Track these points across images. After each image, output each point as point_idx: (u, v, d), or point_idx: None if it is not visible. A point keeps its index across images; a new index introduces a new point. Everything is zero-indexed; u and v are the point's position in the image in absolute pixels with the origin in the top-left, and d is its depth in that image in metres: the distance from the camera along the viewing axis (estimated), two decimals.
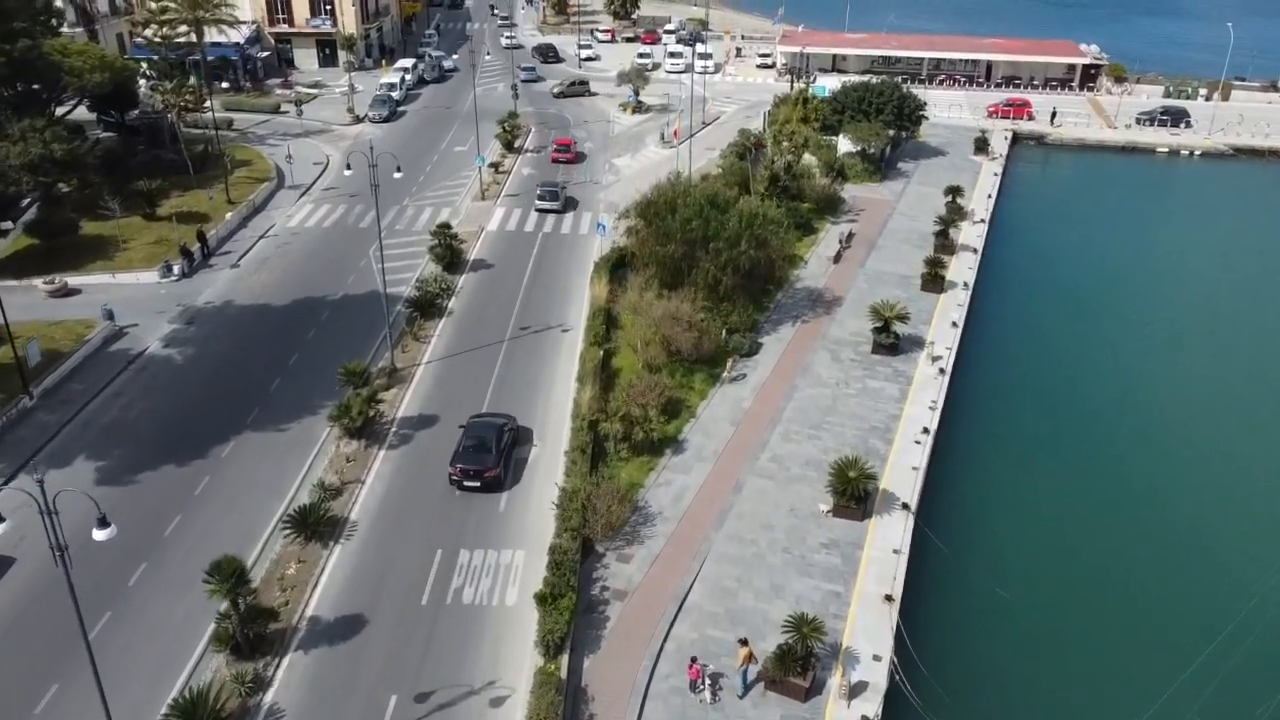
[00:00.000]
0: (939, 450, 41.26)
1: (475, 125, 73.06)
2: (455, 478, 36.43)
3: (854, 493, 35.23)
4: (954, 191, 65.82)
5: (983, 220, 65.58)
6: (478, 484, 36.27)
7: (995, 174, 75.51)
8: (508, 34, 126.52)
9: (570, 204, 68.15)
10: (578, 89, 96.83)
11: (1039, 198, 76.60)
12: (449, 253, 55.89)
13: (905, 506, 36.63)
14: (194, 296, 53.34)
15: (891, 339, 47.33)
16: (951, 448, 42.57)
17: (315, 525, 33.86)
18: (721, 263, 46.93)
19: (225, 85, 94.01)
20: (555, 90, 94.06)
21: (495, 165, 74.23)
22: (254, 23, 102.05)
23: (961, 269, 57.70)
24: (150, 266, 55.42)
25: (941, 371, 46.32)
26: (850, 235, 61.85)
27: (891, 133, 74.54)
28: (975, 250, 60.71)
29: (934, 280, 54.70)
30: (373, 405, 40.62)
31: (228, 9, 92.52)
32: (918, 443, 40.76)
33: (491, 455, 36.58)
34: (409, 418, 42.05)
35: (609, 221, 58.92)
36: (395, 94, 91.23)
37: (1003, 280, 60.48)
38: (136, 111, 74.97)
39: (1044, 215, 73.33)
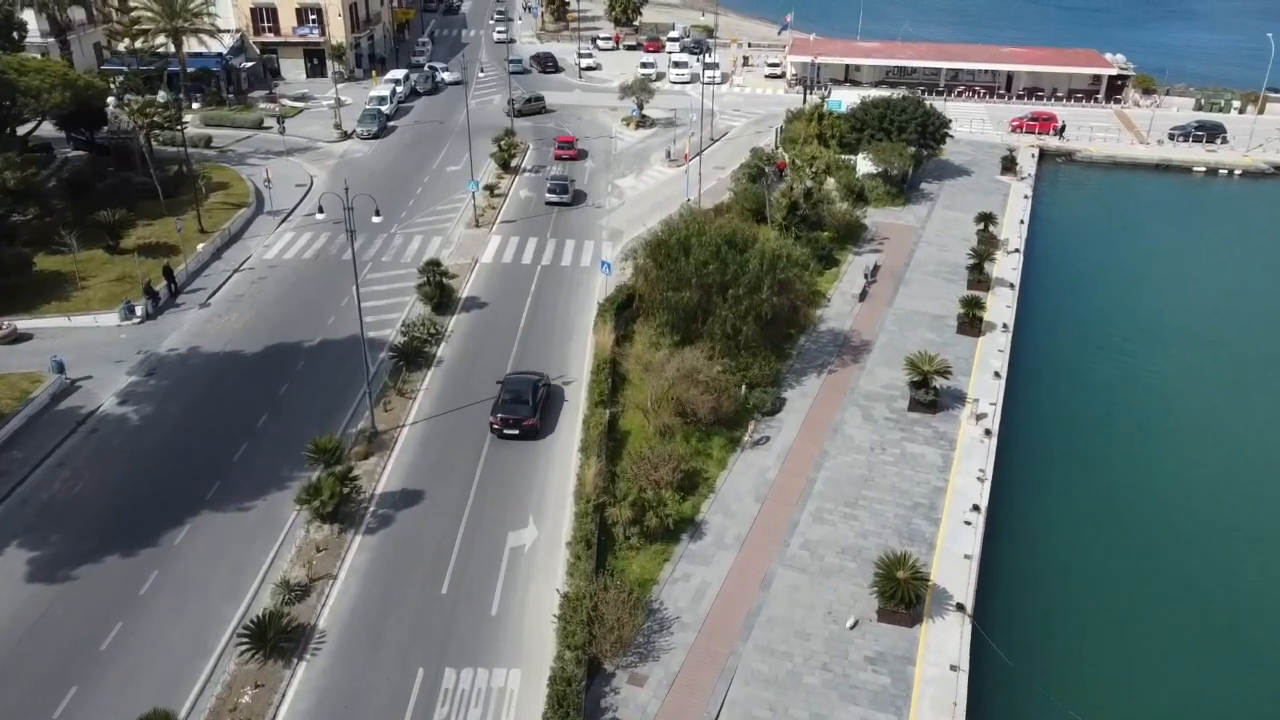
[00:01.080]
0: (992, 530, 36.38)
1: (469, 145, 67.99)
2: (496, 427, 39.96)
3: (904, 596, 30.31)
4: (986, 219, 60.88)
5: (1017, 250, 60.65)
6: (517, 432, 39.85)
7: (1025, 196, 70.60)
8: (500, 29, 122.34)
9: (579, 197, 69.30)
10: (534, 105, 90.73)
11: (1074, 222, 71.52)
12: (439, 292, 50.93)
13: (960, 608, 31.75)
14: (157, 342, 48.38)
15: (931, 396, 42.42)
16: (1006, 526, 37.70)
17: (276, 640, 28.89)
18: (741, 310, 42.01)
19: (195, 101, 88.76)
20: (508, 109, 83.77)
21: (490, 188, 69.29)
22: (238, 32, 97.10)
23: (999, 307, 52.74)
24: (110, 307, 50.46)
25: (988, 433, 41.42)
26: (875, 269, 56.93)
27: (914, 151, 69.54)
28: (1012, 286, 55.77)
29: (971, 322, 49.78)
30: (348, 482, 35.66)
31: (208, 18, 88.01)
32: (968, 523, 35.88)
33: (529, 406, 40.14)
34: (390, 494, 37.11)
35: (613, 258, 54.01)
36: (385, 108, 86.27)
37: (1044, 319, 55.50)
38: (106, 129, 69.94)
39: (1081, 242, 68.24)
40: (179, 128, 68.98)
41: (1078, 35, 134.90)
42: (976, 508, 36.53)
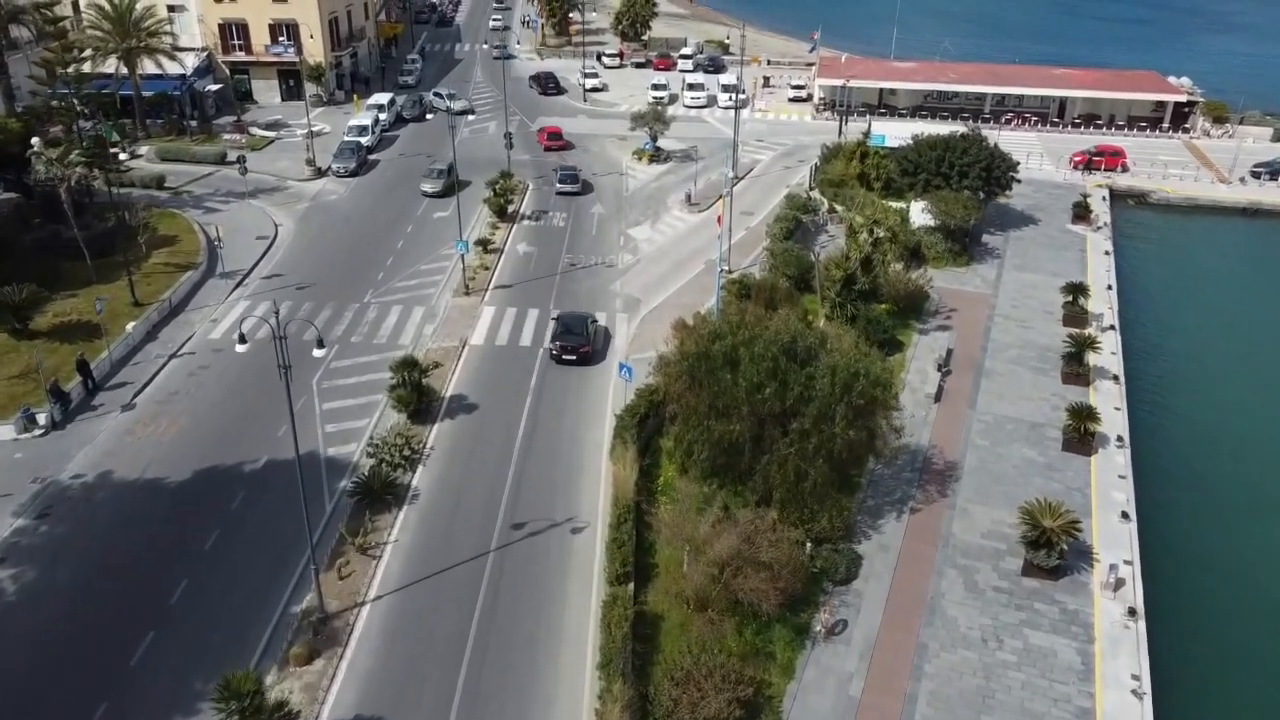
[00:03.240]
0: None
1: (456, 198, 57.84)
2: (555, 353, 45.71)
3: None
4: (1076, 291, 50.90)
5: (1113, 328, 50.68)
6: (574, 357, 45.42)
7: (1106, 252, 60.62)
8: (496, 47, 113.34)
9: (587, 187, 70.63)
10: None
11: (1167, 285, 60.86)
12: (415, 396, 40.87)
13: None
14: (61, 462, 38.39)
15: (1055, 560, 32.45)
16: None
17: None
18: (808, 449, 32.01)
19: (148, 132, 78.68)
20: (505, 141, 70.57)
21: (484, 243, 59.24)
22: (204, 51, 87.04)
23: (1106, 408, 42.75)
24: (5, 416, 40.43)
25: (1132, 613, 31.48)
26: (949, 355, 46.99)
27: (980, 202, 59.64)
28: (1116, 378, 45.80)
29: (1081, 438, 39.81)
30: (279, 712, 25.69)
31: (166, 36, 78.13)
32: None
33: (583, 336, 46.04)
34: None
35: (630, 333, 44.16)
36: (366, 139, 76.18)
37: (1161, 421, 45.33)
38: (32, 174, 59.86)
39: (1181, 311, 57.66)
40: (118, 168, 59.08)
41: (1123, 51, 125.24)
42: None
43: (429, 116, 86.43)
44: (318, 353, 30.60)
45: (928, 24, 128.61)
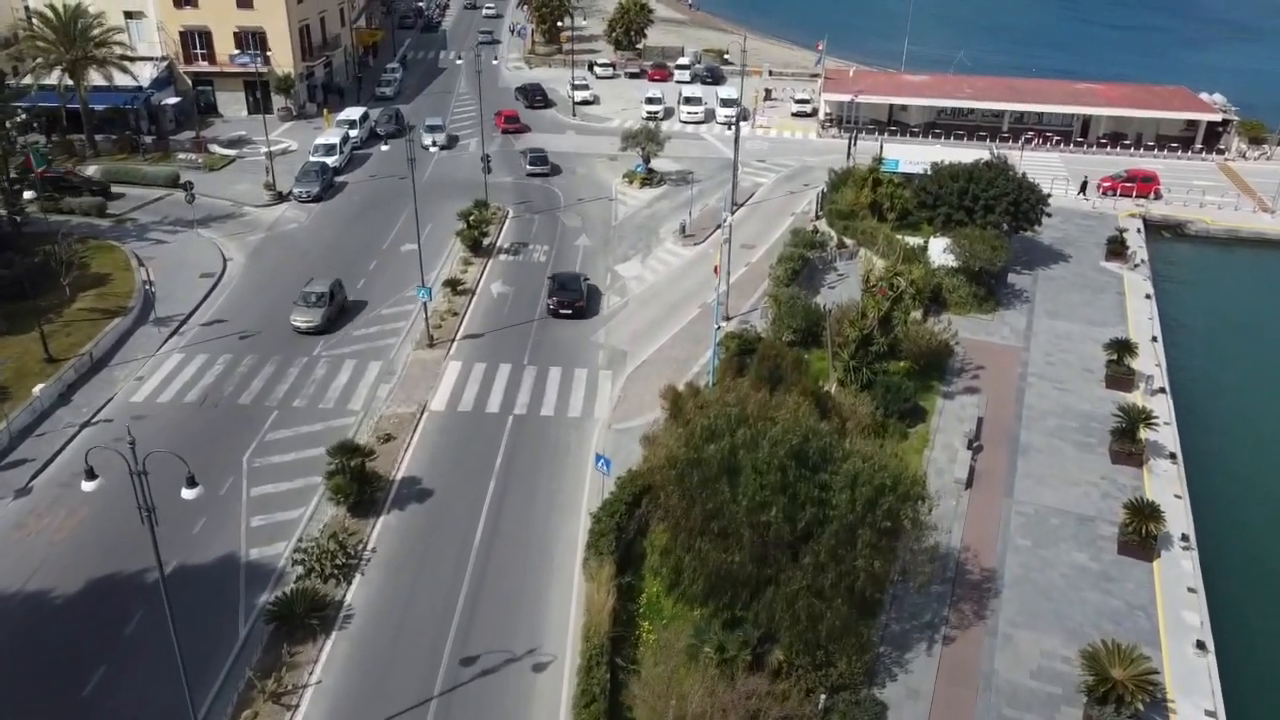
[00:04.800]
0: None
1: (417, 237, 51.57)
2: (552, 308, 49.85)
3: None
4: (1121, 349, 44.73)
5: (1163, 390, 44.56)
6: (570, 312, 49.65)
7: (1147, 295, 54.47)
8: (484, 29, 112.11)
9: (556, 171, 71.73)
10: (540, 168, 72.48)
11: (1215, 334, 53.84)
12: (355, 487, 34.66)
13: None
14: None
15: (1130, 715, 26.29)
16: None
17: None
18: (827, 583, 25.88)
19: (81, 151, 72.37)
20: (483, 165, 64.38)
21: (453, 283, 53.07)
22: (164, 60, 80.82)
23: (1165, 498, 36.62)
24: None
25: None
26: (979, 427, 40.86)
27: (1008, 243, 53.53)
28: (1173, 457, 39.65)
29: (1142, 540, 33.69)
30: None
31: (117, 46, 71.95)
32: None
33: (577, 292, 50.33)
34: None
35: (614, 394, 38.06)
36: (332, 160, 69.94)
37: (1230, 514, 38.85)
38: None
39: (1234, 367, 50.84)
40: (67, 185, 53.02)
41: (1144, 60, 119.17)
42: None
43: (407, 131, 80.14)
44: (188, 494, 23.87)
45: (941, 33, 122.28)
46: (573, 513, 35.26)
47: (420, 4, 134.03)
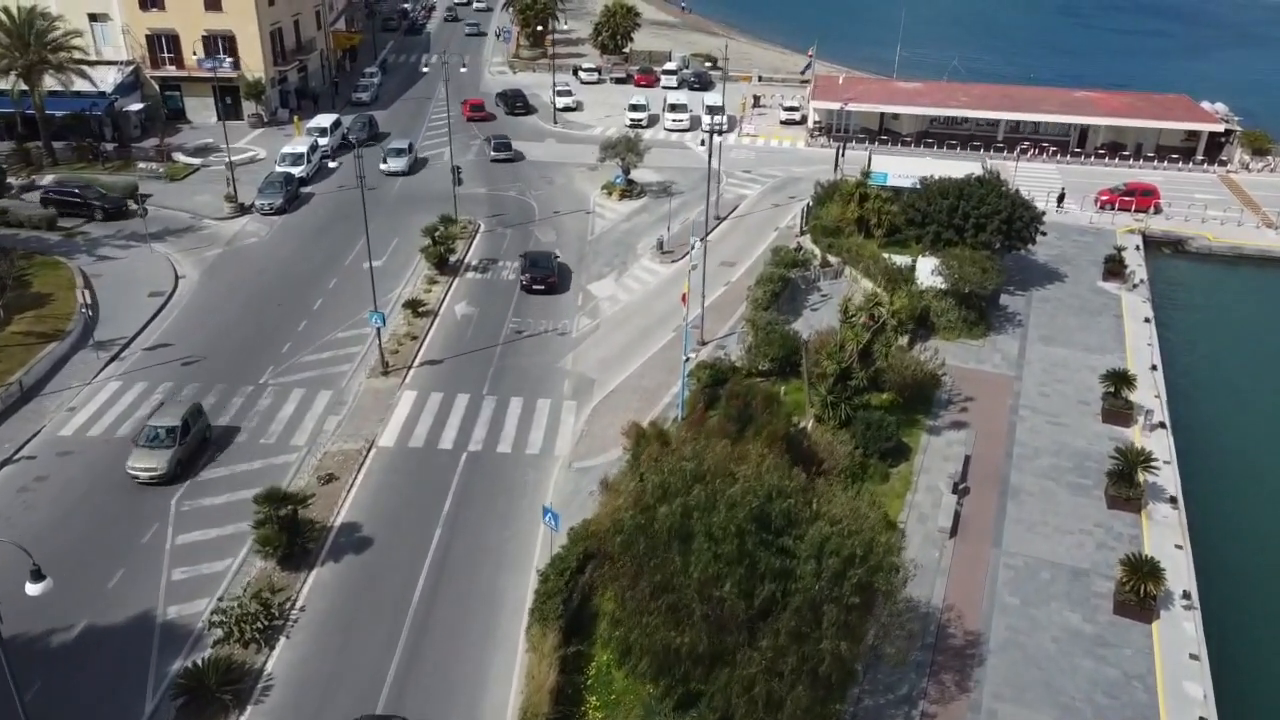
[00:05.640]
0: None
1: (369, 259, 48.76)
2: (525, 284, 52.53)
3: None
4: (1118, 381, 41.96)
5: (1163, 424, 41.78)
6: (543, 287, 52.23)
7: (1146, 319, 51.69)
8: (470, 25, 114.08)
9: (518, 156, 74.57)
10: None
11: (1218, 362, 50.68)
12: (283, 538, 31.84)
13: None
14: None
15: None
16: None
17: None
18: (788, 667, 23.09)
19: (38, 160, 69.41)
20: (454, 176, 61.56)
21: (415, 304, 50.28)
22: (130, 64, 78.03)
23: (1166, 548, 33.94)
24: None
25: None
26: (965, 467, 38.10)
27: (1001, 265, 50.81)
28: (1173, 500, 36.88)
29: (1140, 599, 30.92)
30: None
31: (77, 50, 69.13)
32: None
33: (549, 269, 53.34)
34: None
35: (576, 454, 35.30)
36: (299, 170, 67.12)
37: (1235, 568, 35.99)
38: None
39: (1240, 398, 47.75)
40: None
41: (1144, 66, 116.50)
42: None
43: (381, 139, 77.45)
44: (32, 590, 21.06)
45: (936, 37, 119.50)
46: (523, 567, 32.50)
47: (405, 5, 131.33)
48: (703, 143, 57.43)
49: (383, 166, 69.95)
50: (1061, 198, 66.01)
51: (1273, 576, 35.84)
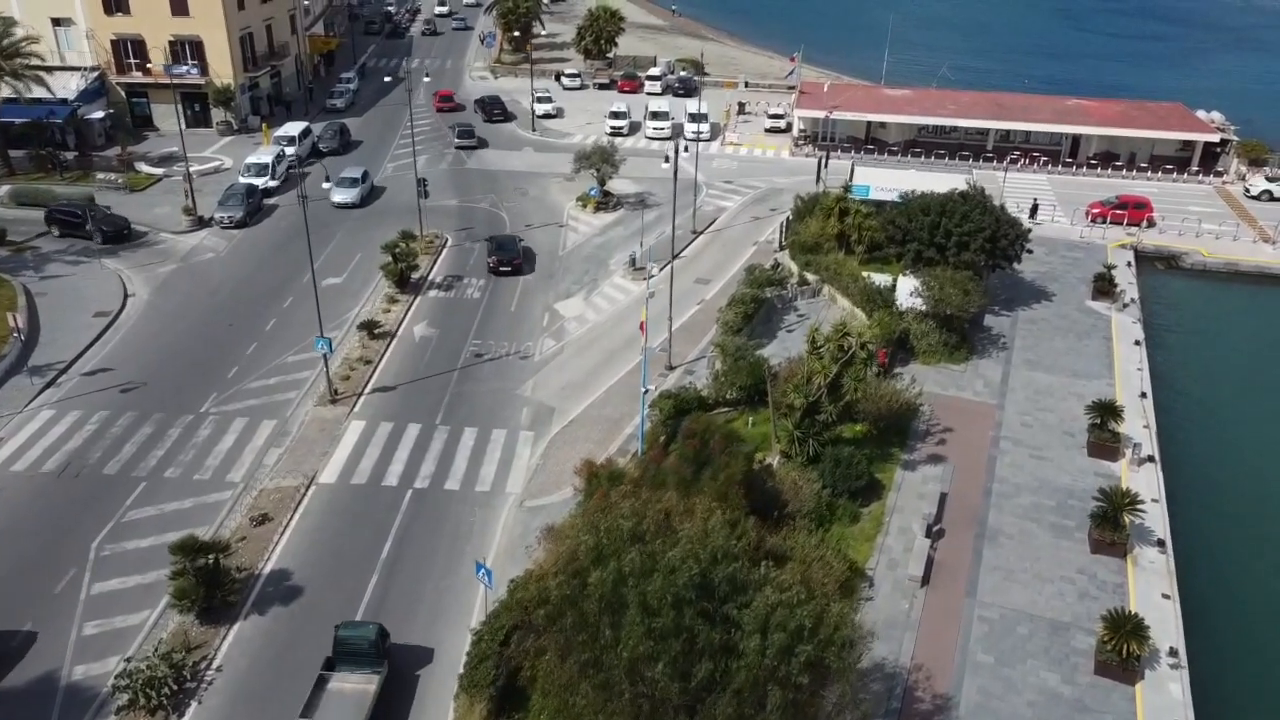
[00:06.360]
0: None
1: (314, 287, 46.49)
2: (493, 266, 54.91)
3: None
4: (1104, 412, 39.70)
5: (1152, 459, 39.54)
6: (509, 269, 54.81)
7: (1137, 341, 49.45)
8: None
9: (483, 144, 77.61)
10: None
11: (1212, 388, 48.20)
12: (203, 592, 29.56)
13: None
14: None
15: None
16: None
17: None
18: None
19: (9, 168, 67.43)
20: (419, 189, 58.67)
21: (370, 325, 48.02)
22: (94, 70, 75.84)
23: (1153, 599, 31.79)
24: None
25: None
26: (941, 505, 35.88)
27: (984, 287, 48.61)
28: (1161, 544, 34.65)
29: (1123, 659, 28.67)
30: None
31: (35, 58, 66.98)
32: None
33: (514, 251, 55.87)
34: None
35: (529, 493, 33.05)
36: (264, 180, 64.87)
37: (1226, 628, 33.56)
38: None
39: (1235, 428, 44.98)
40: None
41: (1139, 71, 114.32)
42: None
43: (352, 147, 75.29)
44: None
45: (926, 41, 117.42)
46: (461, 622, 30.26)
47: (389, 8, 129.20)
48: (666, 160, 54.67)
49: (332, 197, 62.49)
50: (1035, 209, 63.55)
51: (1266, 628, 33.54)
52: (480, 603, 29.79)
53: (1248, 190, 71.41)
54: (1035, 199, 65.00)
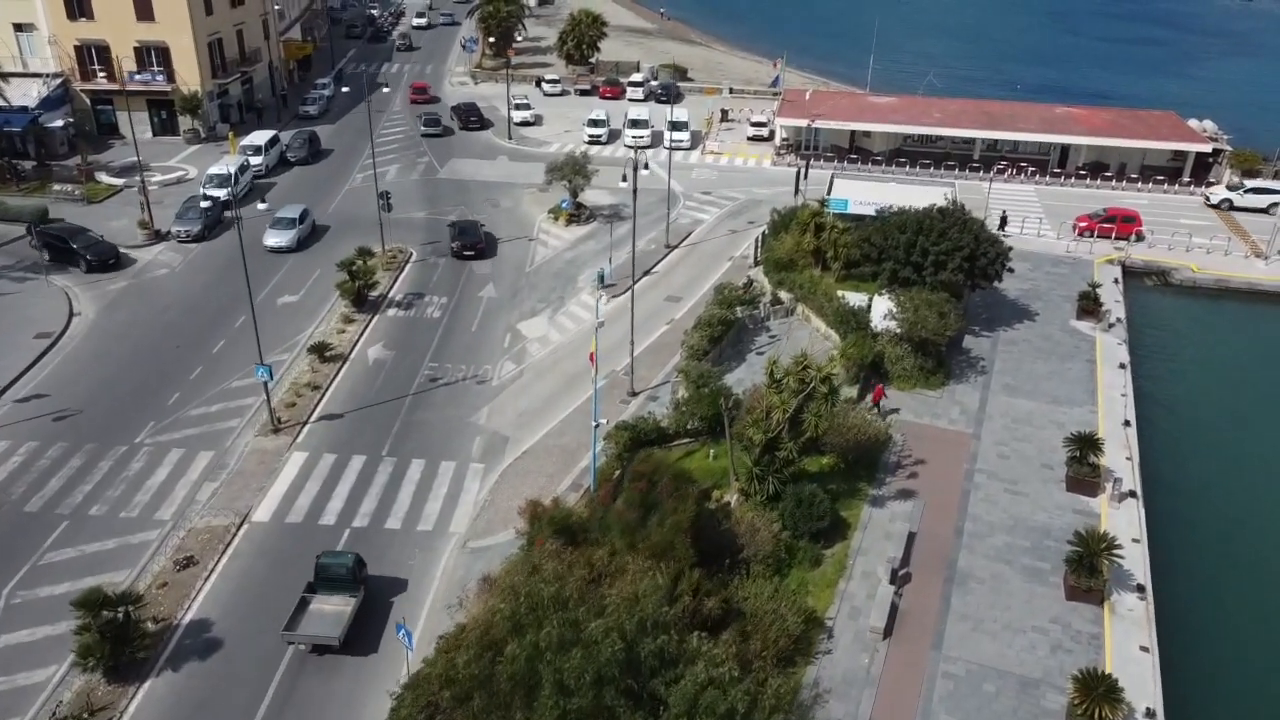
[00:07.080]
0: None
1: (253, 321, 44.54)
2: (455, 250, 57.04)
3: None
4: (1084, 445, 37.71)
5: (1133, 494, 37.58)
6: (473, 253, 56.92)
7: (1122, 365, 47.48)
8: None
9: (449, 132, 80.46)
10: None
11: (1201, 415, 46.34)
12: (109, 649, 27.55)
13: None
14: None
15: None
16: None
17: None
18: None
19: None
20: (381, 202, 56.37)
21: (322, 348, 46.02)
22: (58, 77, 73.83)
23: (1130, 650, 29.87)
24: None
25: None
26: (908, 548, 33.92)
27: (960, 311, 46.65)
28: (1140, 590, 32.69)
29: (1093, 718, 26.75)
30: None
31: None
32: None
33: (477, 236, 58.17)
34: None
35: (473, 532, 31.10)
36: (224, 192, 62.70)
37: (1208, 686, 31.48)
38: None
39: (1225, 461, 42.86)
40: None
41: (1132, 77, 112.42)
42: None
43: (323, 156, 73.24)
44: None
45: (913, 45, 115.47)
46: (384, 683, 28.19)
47: (373, 10, 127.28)
48: (624, 179, 52.22)
49: (265, 240, 56.88)
50: (1003, 221, 61.34)
51: (1248, 684, 31.54)
52: (419, 648, 27.80)
53: (1208, 199, 69.48)
54: (1004, 210, 62.75)
